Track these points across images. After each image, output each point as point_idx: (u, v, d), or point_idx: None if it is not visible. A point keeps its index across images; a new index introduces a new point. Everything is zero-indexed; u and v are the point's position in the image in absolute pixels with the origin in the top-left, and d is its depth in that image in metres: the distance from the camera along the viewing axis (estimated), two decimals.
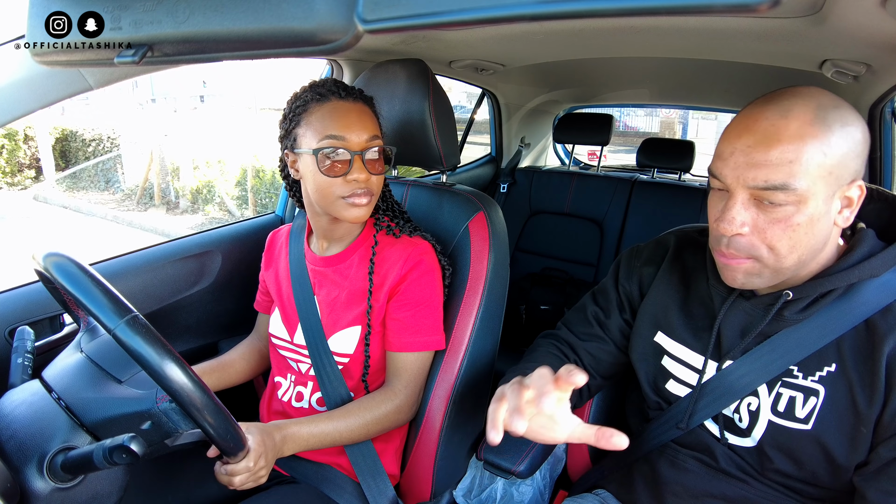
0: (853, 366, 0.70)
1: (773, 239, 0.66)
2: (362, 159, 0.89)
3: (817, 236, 0.67)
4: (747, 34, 1.08)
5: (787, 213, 0.65)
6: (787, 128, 0.63)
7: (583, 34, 1.27)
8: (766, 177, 0.63)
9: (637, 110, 11.50)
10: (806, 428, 0.72)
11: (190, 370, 0.62)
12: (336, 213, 0.92)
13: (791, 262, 0.68)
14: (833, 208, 0.66)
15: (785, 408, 0.73)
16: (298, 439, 0.87)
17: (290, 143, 0.93)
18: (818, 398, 0.71)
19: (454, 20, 0.45)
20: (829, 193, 0.65)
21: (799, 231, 0.65)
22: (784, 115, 0.63)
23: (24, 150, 7.86)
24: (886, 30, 0.80)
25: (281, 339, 1.04)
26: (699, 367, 0.81)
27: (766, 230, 0.66)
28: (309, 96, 0.91)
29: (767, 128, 0.64)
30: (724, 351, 0.78)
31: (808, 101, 0.64)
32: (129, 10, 0.59)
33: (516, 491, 1.04)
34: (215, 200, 7.06)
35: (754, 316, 0.76)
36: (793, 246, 0.66)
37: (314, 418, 0.90)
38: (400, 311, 0.96)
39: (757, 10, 0.37)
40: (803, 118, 0.63)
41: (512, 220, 2.30)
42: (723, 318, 0.78)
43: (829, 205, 0.66)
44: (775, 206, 0.65)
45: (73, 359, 0.75)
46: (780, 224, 0.65)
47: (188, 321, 1.30)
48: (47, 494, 0.64)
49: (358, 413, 0.92)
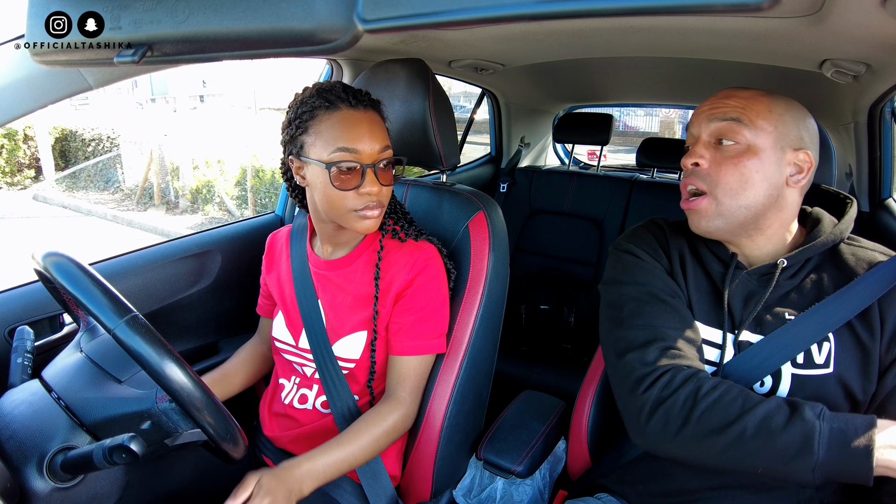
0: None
1: (727, 174, 0.79)
2: (375, 171, 0.88)
3: (767, 181, 0.79)
4: (747, 34, 1.08)
5: (737, 151, 0.79)
6: (743, 92, 0.82)
7: (583, 34, 1.27)
8: (724, 112, 0.80)
9: (637, 110, 11.51)
10: (829, 371, 0.77)
11: (190, 370, 0.62)
12: (346, 224, 0.91)
13: (744, 203, 0.79)
14: (783, 167, 0.79)
15: (804, 359, 0.78)
16: (316, 473, 0.84)
17: (296, 150, 0.90)
18: (830, 343, 0.78)
19: (454, 20, 0.45)
20: (776, 146, 0.79)
21: (748, 170, 0.78)
22: (742, 87, 0.83)
23: (24, 149, 7.86)
24: (886, 29, 0.80)
25: (285, 342, 1.03)
26: (718, 342, 0.83)
27: (721, 165, 0.80)
28: (317, 102, 0.87)
29: (728, 92, 0.83)
30: (738, 322, 0.82)
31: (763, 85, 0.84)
32: (128, 9, 0.59)
33: (516, 490, 1.04)
34: (215, 200, 7.06)
35: (752, 285, 0.84)
36: (743, 183, 0.78)
37: (325, 448, 0.87)
38: (405, 314, 0.95)
39: (757, 9, 0.37)
40: (755, 90, 0.82)
41: (512, 220, 2.30)
42: (729, 291, 0.83)
43: (778, 159, 0.79)
44: (730, 145, 0.79)
45: (72, 358, 0.75)
46: (731, 161, 0.79)
47: (188, 321, 1.30)
48: (47, 494, 0.64)
49: (367, 430, 0.90)
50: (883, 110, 1.40)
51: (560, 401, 1.18)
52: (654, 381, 0.75)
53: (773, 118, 0.79)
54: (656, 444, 0.75)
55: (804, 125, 0.81)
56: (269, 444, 1.07)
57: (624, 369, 0.79)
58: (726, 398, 0.71)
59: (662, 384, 0.74)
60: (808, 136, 0.81)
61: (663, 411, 0.73)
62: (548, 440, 1.08)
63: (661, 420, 0.73)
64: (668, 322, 0.79)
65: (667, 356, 0.76)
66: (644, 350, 0.77)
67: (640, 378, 0.76)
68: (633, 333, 0.80)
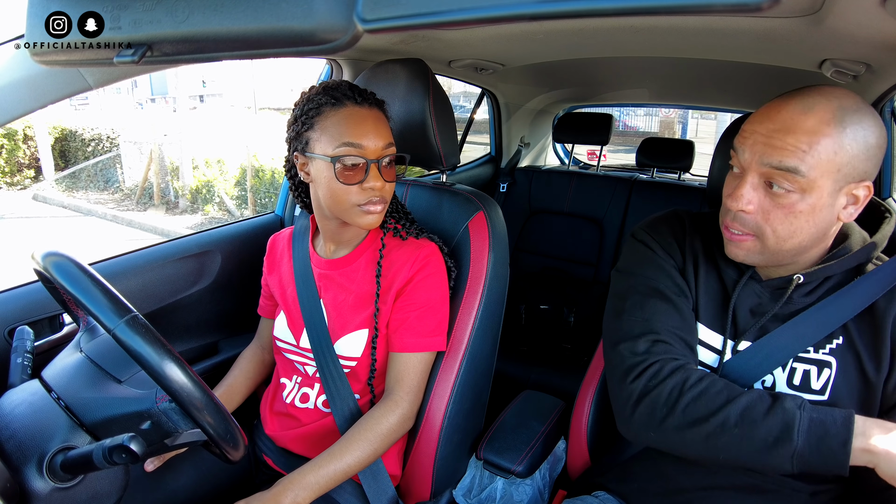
0: (859, 337, 0.75)
1: (775, 222, 0.71)
2: (378, 167, 0.89)
3: (818, 225, 0.72)
4: (746, 34, 1.07)
5: (791, 200, 0.70)
6: (805, 122, 0.68)
7: (583, 34, 1.27)
8: (781, 158, 0.68)
9: (636, 110, 11.52)
10: (823, 398, 0.75)
11: (189, 370, 0.62)
12: (349, 219, 0.91)
13: (790, 246, 0.73)
14: (838, 203, 0.71)
15: (800, 381, 0.77)
16: (309, 485, 0.84)
17: (302, 146, 0.91)
18: (831, 369, 0.75)
19: (454, 20, 0.45)
20: (834, 188, 0.69)
21: (800, 218, 0.70)
22: (805, 111, 0.68)
23: (24, 149, 7.85)
24: (886, 29, 0.80)
25: (287, 342, 1.04)
26: (718, 347, 0.82)
27: (770, 213, 0.72)
28: (323, 100, 0.89)
29: (787, 119, 0.69)
30: (741, 330, 0.81)
31: (831, 100, 0.68)
32: (128, 9, 0.59)
33: (516, 490, 1.04)
34: (215, 200, 7.06)
35: (763, 298, 0.80)
36: (793, 231, 0.72)
37: (320, 461, 0.86)
38: (405, 311, 0.95)
39: (756, 9, 0.37)
40: (822, 116, 0.67)
41: (511, 220, 2.30)
42: (736, 299, 0.81)
43: (835, 199, 0.70)
44: (782, 192, 0.70)
45: (72, 358, 0.75)
46: (783, 210, 0.71)
47: (188, 321, 1.30)
48: (47, 494, 0.64)
49: (363, 437, 0.89)
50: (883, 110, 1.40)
51: (560, 401, 1.18)
52: (642, 371, 0.76)
53: (838, 161, 0.68)
54: (641, 433, 0.76)
55: (874, 148, 0.69)
56: (269, 444, 1.07)
57: (616, 359, 0.81)
58: (711, 390, 0.73)
59: (650, 374, 0.76)
60: (874, 163, 0.71)
61: (649, 401, 0.74)
62: (548, 440, 1.08)
63: (646, 409, 0.74)
64: (666, 319, 0.80)
65: (657, 348, 0.78)
66: (636, 341, 0.79)
67: (630, 368, 0.78)
68: (630, 325, 0.81)
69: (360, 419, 0.92)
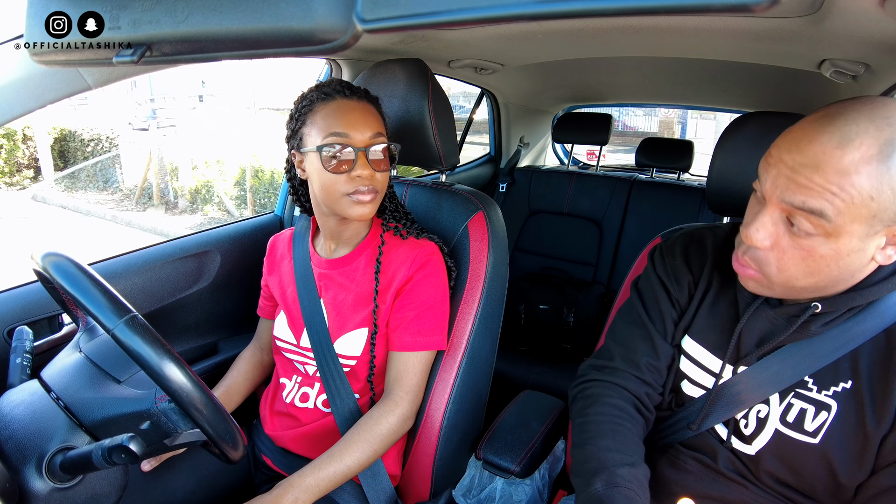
0: (868, 384, 0.68)
1: (789, 263, 0.64)
2: (366, 156, 0.90)
3: (843, 269, 0.64)
4: (746, 34, 1.08)
5: (812, 244, 0.61)
6: (840, 160, 0.57)
7: (582, 34, 1.27)
8: (805, 198, 0.59)
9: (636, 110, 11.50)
10: (813, 441, 0.71)
11: (189, 370, 0.62)
12: (341, 211, 0.92)
13: (806, 284, 0.66)
14: (871, 245, 0.62)
15: (795, 419, 0.73)
16: (309, 487, 0.84)
17: (297, 143, 0.93)
18: (830, 413, 0.70)
19: (453, 20, 0.45)
20: (867, 233, 0.60)
21: (820, 263, 0.63)
22: (841, 144, 0.57)
23: (23, 149, 7.84)
24: (885, 30, 0.80)
25: (287, 342, 1.04)
26: (716, 371, 0.80)
27: (785, 253, 0.64)
28: (315, 96, 0.91)
29: (818, 153, 0.58)
30: (742, 355, 0.78)
31: (875, 135, 0.56)
32: (127, 9, 0.59)
33: (515, 490, 1.04)
34: (214, 200, 7.05)
35: (777, 325, 0.74)
36: (809, 273, 0.64)
37: (320, 462, 0.86)
38: (405, 310, 0.95)
39: (755, 9, 0.37)
40: (863, 153, 0.56)
41: (511, 220, 2.30)
42: (745, 324, 0.77)
43: (866, 242, 0.61)
44: (803, 234, 0.61)
45: (71, 359, 0.75)
46: (801, 252, 0.63)
47: (187, 321, 1.30)
48: (46, 494, 0.64)
49: (363, 438, 0.89)
50: None
51: (559, 401, 1.18)
52: (581, 382, 0.89)
53: (875, 207, 0.57)
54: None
55: None
56: (269, 444, 1.07)
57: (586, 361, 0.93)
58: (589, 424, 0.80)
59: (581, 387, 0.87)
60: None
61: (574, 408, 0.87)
62: (547, 440, 1.08)
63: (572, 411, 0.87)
64: (635, 345, 0.85)
65: (603, 368, 0.86)
66: (597, 356, 0.90)
67: (578, 375, 0.90)
68: (607, 340, 0.90)
69: (359, 420, 0.92)
